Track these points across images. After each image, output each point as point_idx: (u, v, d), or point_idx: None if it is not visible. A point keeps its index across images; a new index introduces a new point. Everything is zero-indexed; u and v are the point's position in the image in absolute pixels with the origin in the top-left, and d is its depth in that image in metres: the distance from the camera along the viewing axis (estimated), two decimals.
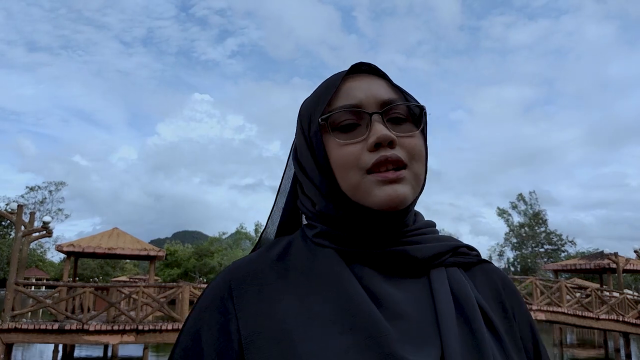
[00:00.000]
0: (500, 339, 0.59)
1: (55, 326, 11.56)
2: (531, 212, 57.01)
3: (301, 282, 0.60)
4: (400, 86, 0.67)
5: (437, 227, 0.69)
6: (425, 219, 0.70)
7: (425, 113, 0.65)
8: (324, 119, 0.62)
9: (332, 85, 0.64)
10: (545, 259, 53.32)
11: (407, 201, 0.60)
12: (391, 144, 0.59)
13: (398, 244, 0.62)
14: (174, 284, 13.51)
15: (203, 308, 0.62)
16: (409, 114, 0.65)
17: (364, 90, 0.63)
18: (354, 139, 0.61)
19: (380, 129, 0.59)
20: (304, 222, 0.73)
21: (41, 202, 57.73)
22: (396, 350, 0.52)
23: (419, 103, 0.65)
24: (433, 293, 0.60)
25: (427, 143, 0.67)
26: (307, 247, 0.64)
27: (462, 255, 0.66)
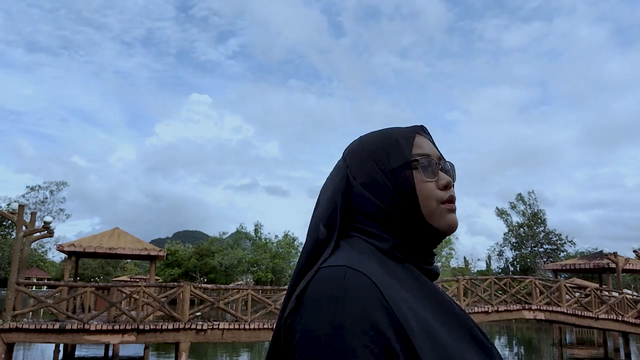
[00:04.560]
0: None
1: (56, 326, 11.63)
2: (530, 212, 57.01)
3: (409, 289, 0.74)
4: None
5: None
6: None
7: (454, 168, 0.90)
8: (415, 160, 0.84)
9: (410, 138, 0.87)
10: (545, 259, 53.31)
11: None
12: (451, 186, 0.85)
13: (433, 262, 0.85)
14: (175, 283, 13.53)
15: (368, 304, 0.66)
16: None
17: (429, 146, 0.88)
18: (429, 178, 0.84)
19: (445, 175, 0.85)
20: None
21: (42, 202, 57.74)
22: (484, 341, 0.74)
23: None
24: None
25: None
26: (386, 259, 0.79)
27: None
